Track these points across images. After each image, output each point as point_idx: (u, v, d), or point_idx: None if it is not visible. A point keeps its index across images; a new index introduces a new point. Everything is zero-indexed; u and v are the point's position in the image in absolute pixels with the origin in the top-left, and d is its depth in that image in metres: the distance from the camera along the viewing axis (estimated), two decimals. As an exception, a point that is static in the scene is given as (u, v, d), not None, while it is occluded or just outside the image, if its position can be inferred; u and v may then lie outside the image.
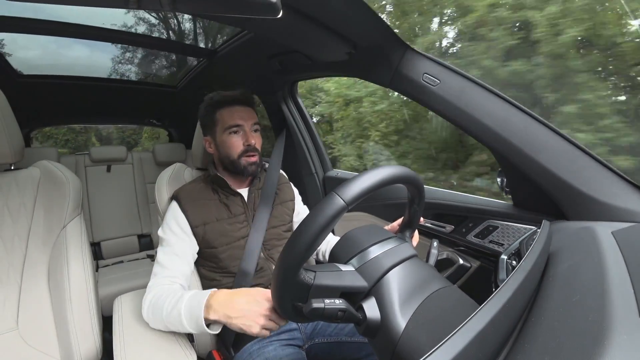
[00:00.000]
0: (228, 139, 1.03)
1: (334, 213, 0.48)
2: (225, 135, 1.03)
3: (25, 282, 0.95)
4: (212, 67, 1.90)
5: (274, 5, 0.50)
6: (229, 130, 1.02)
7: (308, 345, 1.03)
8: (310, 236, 0.49)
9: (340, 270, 0.59)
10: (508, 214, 1.09)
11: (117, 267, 2.23)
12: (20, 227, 0.97)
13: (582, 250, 0.64)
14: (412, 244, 0.80)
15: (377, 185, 0.53)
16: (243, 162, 1.03)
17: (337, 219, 0.49)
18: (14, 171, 1.02)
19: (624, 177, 0.85)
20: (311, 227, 0.49)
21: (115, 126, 10.42)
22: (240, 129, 1.03)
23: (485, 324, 0.37)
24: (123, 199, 2.53)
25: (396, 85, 1.07)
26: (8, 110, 0.95)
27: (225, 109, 1.03)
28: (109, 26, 1.55)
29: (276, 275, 0.52)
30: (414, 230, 0.78)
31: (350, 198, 0.49)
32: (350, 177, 0.53)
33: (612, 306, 0.42)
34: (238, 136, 1.03)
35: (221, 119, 1.03)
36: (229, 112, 1.02)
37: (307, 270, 0.54)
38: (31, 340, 0.93)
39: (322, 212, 0.49)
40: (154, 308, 0.85)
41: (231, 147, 1.03)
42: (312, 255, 0.51)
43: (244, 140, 1.02)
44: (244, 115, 1.03)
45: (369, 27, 0.93)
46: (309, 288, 0.53)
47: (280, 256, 0.51)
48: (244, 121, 1.03)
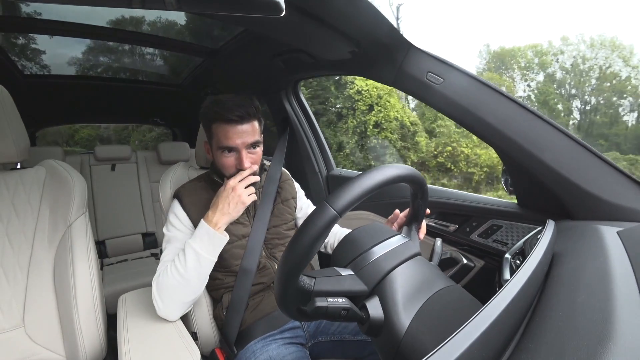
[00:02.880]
0: (221, 157, 0.97)
1: (324, 224, 0.48)
2: (219, 152, 0.97)
3: (31, 280, 0.96)
4: (216, 66, 1.90)
5: (277, 4, 0.50)
6: (222, 150, 0.96)
7: (311, 344, 1.03)
8: (303, 247, 0.49)
9: (339, 274, 0.58)
10: (512, 213, 1.09)
11: (121, 265, 2.24)
12: (26, 226, 0.98)
13: (587, 250, 0.64)
14: (420, 237, 0.78)
15: (370, 190, 0.52)
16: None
17: (329, 228, 0.49)
18: (19, 170, 1.03)
19: (630, 176, 0.84)
20: (304, 239, 0.49)
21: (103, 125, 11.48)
22: (234, 150, 0.96)
23: (489, 324, 0.37)
24: (127, 197, 2.54)
25: (400, 83, 1.06)
26: (14, 110, 0.96)
27: (221, 126, 0.94)
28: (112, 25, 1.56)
29: (277, 283, 0.52)
30: (420, 223, 0.78)
31: (342, 207, 0.49)
32: (349, 179, 0.53)
33: (617, 307, 0.41)
34: (231, 157, 0.96)
35: (215, 135, 0.96)
36: (224, 132, 0.94)
37: (306, 276, 0.54)
38: (37, 338, 0.94)
39: (314, 224, 0.49)
40: (166, 284, 0.90)
41: (223, 167, 0.98)
42: (309, 262, 0.51)
43: (237, 163, 0.96)
44: (240, 134, 0.94)
45: (372, 25, 0.93)
46: (310, 294, 0.53)
47: (279, 265, 0.52)
48: (239, 142, 0.94)
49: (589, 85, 17.83)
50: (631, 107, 16.83)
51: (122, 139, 13.44)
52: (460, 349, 0.33)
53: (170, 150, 2.66)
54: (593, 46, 17.84)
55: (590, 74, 17.76)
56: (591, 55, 17.79)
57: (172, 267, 0.89)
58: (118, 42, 1.78)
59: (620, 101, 17.08)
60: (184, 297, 0.91)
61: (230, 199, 0.92)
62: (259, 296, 1.04)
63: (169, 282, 0.89)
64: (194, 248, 0.89)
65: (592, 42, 17.84)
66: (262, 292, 1.05)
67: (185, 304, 0.92)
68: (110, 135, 14.06)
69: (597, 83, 17.56)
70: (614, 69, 17.05)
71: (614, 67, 17.05)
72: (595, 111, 17.38)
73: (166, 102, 2.73)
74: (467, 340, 0.35)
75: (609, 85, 17.14)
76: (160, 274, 0.91)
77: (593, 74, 17.74)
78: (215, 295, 1.06)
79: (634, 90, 16.62)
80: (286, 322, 1.02)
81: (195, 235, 0.91)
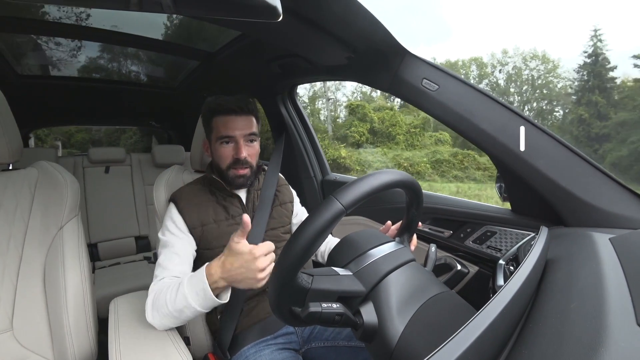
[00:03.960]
0: (219, 148, 1.01)
1: (331, 217, 0.48)
2: (218, 144, 1.01)
3: (21, 283, 0.94)
4: (212, 70, 1.90)
5: (274, 9, 0.50)
6: (221, 140, 1.00)
7: (305, 349, 1.03)
8: (308, 239, 0.48)
9: (337, 274, 0.58)
10: (506, 219, 1.09)
11: (113, 268, 2.22)
12: (16, 228, 0.96)
13: (580, 256, 0.64)
14: (411, 248, 0.80)
15: (376, 190, 0.53)
16: (231, 174, 1.02)
17: (335, 222, 0.49)
18: (11, 171, 1.02)
19: (622, 184, 0.85)
20: (309, 230, 0.48)
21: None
22: (232, 140, 1.01)
23: (483, 330, 0.37)
24: (121, 200, 2.51)
25: (395, 89, 1.07)
26: (7, 110, 0.95)
27: (220, 118, 1.00)
28: (110, 27, 1.55)
29: (274, 278, 0.51)
30: (412, 235, 0.78)
31: (349, 202, 0.49)
32: (349, 181, 0.53)
33: (610, 313, 0.42)
34: (229, 147, 1.01)
35: (215, 127, 1.01)
36: (223, 122, 1.00)
37: (304, 273, 0.53)
38: (25, 342, 0.92)
39: (321, 216, 0.48)
40: (158, 306, 0.83)
41: (221, 158, 1.01)
42: (310, 257, 0.51)
43: (234, 153, 1.00)
44: (239, 125, 1.00)
45: (368, 31, 0.93)
46: (307, 292, 0.52)
47: (278, 259, 0.51)
48: (237, 132, 1.00)
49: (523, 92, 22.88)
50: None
51: (112, 142, 14.57)
52: (454, 355, 0.33)
53: (165, 153, 2.64)
54: (526, 59, 22.78)
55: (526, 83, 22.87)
56: (524, 66, 22.85)
57: (166, 296, 0.82)
58: (114, 44, 1.77)
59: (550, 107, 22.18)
60: (170, 324, 0.86)
61: (243, 262, 0.75)
62: (254, 301, 1.03)
63: (160, 306, 0.83)
64: (185, 296, 0.79)
65: (525, 56, 22.84)
66: (256, 296, 1.04)
67: (171, 327, 0.88)
68: (101, 138, 15.86)
69: (532, 90, 22.65)
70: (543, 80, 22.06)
71: (544, 77, 22.14)
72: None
73: (161, 105, 2.72)
74: (460, 347, 0.34)
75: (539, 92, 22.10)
76: (158, 294, 0.84)
77: (528, 83, 22.84)
78: None
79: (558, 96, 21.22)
80: (280, 327, 1.01)
81: (191, 283, 0.79)
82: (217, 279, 0.77)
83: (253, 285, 0.75)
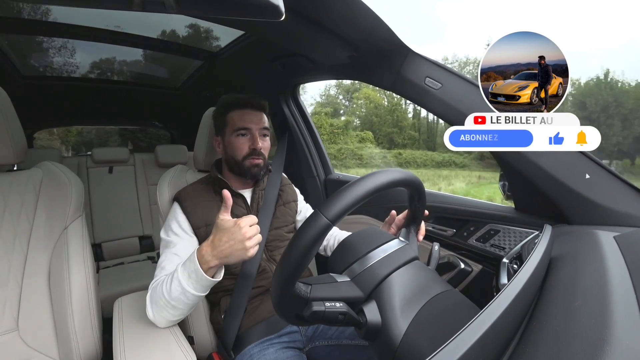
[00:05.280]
0: (235, 140, 1.04)
1: (316, 234, 0.49)
2: (233, 136, 1.04)
3: (26, 283, 0.95)
4: (214, 70, 1.91)
5: (277, 8, 0.50)
6: (237, 132, 1.04)
7: (309, 348, 1.03)
8: (297, 257, 0.49)
9: (335, 281, 0.58)
10: (510, 217, 1.09)
11: (117, 268, 2.23)
12: (21, 228, 0.97)
13: (584, 254, 0.64)
14: (419, 238, 0.79)
15: (363, 197, 0.52)
16: (247, 164, 1.04)
17: (322, 237, 0.49)
18: (16, 172, 1.03)
19: (627, 181, 0.85)
20: (297, 248, 0.49)
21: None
22: (248, 132, 1.05)
23: (487, 329, 0.37)
24: (125, 200, 2.52)
25: (398, 88, 1.07)
26: (11, 111, 0.96)
27: (237, 112, 1.05)
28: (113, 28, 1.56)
29: (274, 290, 0.53)
30: (419, 225, 0.78)
31: (334, 215, 0.49)
32: (350, 181, 0.53)
33: (614, 311, 0.41)
34: (245, 139, 1.04)
35: (231, 120, 1.05)
36: (240, 115, 1.04)
37: (302, 283, 0.54)
38: (31, 342, 0.93)
39: (306, 233, 0.49)
40: (156, 298, 0.85)
41: (237, 149, 1.04)
42: (304, 269, 0.52)
43: (250, 144, 1.04)
44: (254, 119, 1.05)
45: (371, 30, 0.93)
46: (306, 301, 0.53)
47: (275, 272, 0.52)
48: (253, 125, 1.05)
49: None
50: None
51: (101, 144, 15.40)
52: (458, 353, 0.33)
53: (169, 152, 2.65)
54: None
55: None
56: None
57: (163, 286, 0.84)
58: (117, 44, 1.78)
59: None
60: (170, 317, 0.87)
61: (230, 234, 0.77)
62: (257, 300, 1.03)
63: (158, 298, 0.85)
64: (180, 281, 0.81)
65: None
66: (260, 295, 1.04)
67: (172, 321, 0.89)
68: (92, 140, 16.51)
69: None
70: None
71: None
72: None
73: (165, 105, 2.72)
74: (464, 345, 0.34)
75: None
76: (155, 287, 0.87)
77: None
78: (213, 298, 1.05)
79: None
80: (284, 326, 1.01)
81: (185, 266, 0.82)
82: (209, 258, 0.79)
83: (243, 255, 0.77)
